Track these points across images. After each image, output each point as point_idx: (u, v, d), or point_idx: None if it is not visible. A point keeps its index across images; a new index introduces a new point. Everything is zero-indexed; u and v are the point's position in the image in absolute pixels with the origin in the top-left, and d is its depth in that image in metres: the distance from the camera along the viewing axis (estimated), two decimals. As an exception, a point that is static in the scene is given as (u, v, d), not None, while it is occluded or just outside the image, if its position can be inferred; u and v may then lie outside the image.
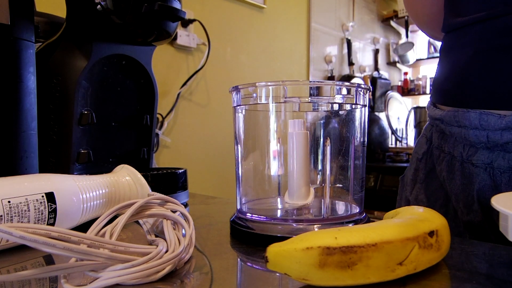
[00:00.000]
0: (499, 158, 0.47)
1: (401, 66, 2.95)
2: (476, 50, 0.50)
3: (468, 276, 0.29)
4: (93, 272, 0.26)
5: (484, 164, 0.49)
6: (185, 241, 0.31)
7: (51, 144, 0.54)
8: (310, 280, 0.25)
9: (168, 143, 1.47)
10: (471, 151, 0.50)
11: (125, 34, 0.56)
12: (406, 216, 0.31)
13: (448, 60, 0.56)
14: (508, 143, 0.46)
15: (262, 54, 1.85)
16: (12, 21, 0.44)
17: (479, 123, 0.48)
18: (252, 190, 0.44)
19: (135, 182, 0.44)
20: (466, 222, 0.52)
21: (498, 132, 0.46)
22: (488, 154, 0.48)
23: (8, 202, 0.33)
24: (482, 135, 0.48)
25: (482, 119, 0.47)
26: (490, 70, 0.48)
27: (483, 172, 0.49)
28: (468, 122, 0.49)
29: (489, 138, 0.47)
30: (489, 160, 0.48)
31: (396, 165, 2.13)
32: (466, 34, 0.52)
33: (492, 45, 0.49)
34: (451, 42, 0.55)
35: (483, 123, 0.47)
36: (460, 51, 0.53)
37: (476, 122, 0.48)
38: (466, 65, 0.52)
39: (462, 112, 0.50)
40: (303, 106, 0.40)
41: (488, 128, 0.47)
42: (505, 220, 0.31)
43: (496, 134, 0.47)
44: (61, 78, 0.53)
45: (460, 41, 0.53)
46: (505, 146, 0.47)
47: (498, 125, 0.46)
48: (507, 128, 0.45)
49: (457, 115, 0.51)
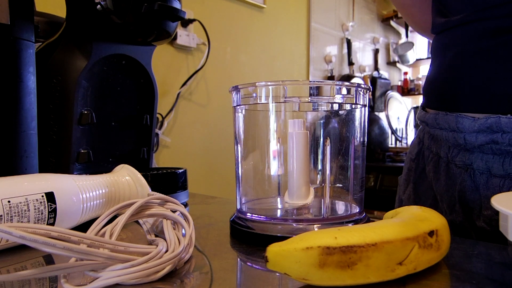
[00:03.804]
0: (477, 160, 0.48)
1: (401, 66, 2.95)
2: (454, 54, 0.52)
3: (468, 276, 0.29)
4: (93, 272, 0.26)
5: (465, 165, 0.50)
6: (185, 241, 0.31)
7: (51, 144, 0.54)
8: (310, 280, 0.25)
9: (168, 143, 1.47)
10: (455, 152, 0.52)
11: (125, 34, 0.56)
12: (406, 216, 0.31)
13: (433, 63, 0.58)
14: (483, 145, 0.47)
15: (262, 54, 1.85)
16: (12, 21, 0.44)
17: (456, 125, 0.49)
18: (252, 190, 0.44)
19: (135, 182, 0.44)
20: (449, 221, 0.53)
21: (474, 134, 0.47)
22: (469, 155, 0.49)
23: (8, 202, 0.33)
24: (460, 137, 0.49)
25: (458, 122, 0.49)
26: (464, 74, 0.50)
27: (464, 173, 0.50)
28: (447, 125, 0.51)
29: (466, 140, 0.48)
30: (469, 161, 0.49)
31: (396, 165, 2.13)
32: (447, 37, 0.54)
33: (468, 49, 0.50)
34: (437, 44, 0.57)
35: (459, 126, 0.49)
36: (442, 54, 0.54)
37: (454, 125, 0.50)
38: (445, 69, 0.53)
39: (442, 115, 0.52)
40: (303, 106, 0.40)
41: (464, 130, 0.48)
42: (505, 220, 0.31)
43: (471, 137, 0.48)
44: (61, 78, 0.53)
45: (443, 44, 0.55)
46: (482, 148, 0.48)
47: (472, 127, 0.47)
48: (480, 131, 0.47)
49: (438, 117, 0.53)
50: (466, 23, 0.50)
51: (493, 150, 0.47)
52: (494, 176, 0.47)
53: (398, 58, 2.79)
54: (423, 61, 2.97)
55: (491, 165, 0.47)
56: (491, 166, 0.47)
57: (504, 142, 0.45)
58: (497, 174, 0.47)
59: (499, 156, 0.46)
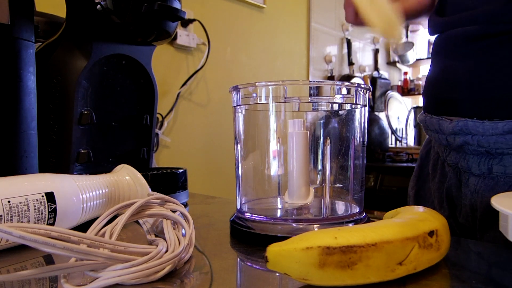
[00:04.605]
0: (461, 159, 0.51)
1: (401, 66, 2.94)
2: (437, 60, 0.55)
3: (468, 276, 0.29)
4: (93, 272, 0.26)
5: (454, 164, 0.52)
6: (185, 241, 0.31)
7: (51, 144, 0.54)
8: (310, 280, 0.25)
9: (168, 143, 1.47)
10: (447, 151, 0.54)
11: (125, 34, 0.56)
12: (406, 216, 0.31)
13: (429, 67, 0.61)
14: (461, 146, 0.49)
15: (262, 54, 1.85)
16: (12, 21, 0.44)
17: (439, 127, 0.52)
18: (252, 190, 0.44)
19: (135, 182, 0.44)
20: None
21: (452, 136, 0.50)
22: (456, 155, 0.52)
23: (8, 202, 0.32)
24: (443, 139, 0.52)
25: (440, 124, 0.52)
26: (441, 79, 0.53)
27: (452, 171, 0.53)
28: (432, 127, 0.54)
29: (448, 141, 0.51)
30: (456, 160, 0.52)
31: (396, 165, 2.13)
32: (436, 43, 0.56)
33: (447, 55, 0.53)
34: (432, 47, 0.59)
35: (441, 128, 0.52)
36: (433, 58, 0.57)
37: (437, 127, 0.53)
38: (431, 73, 0.57)
39: (428, 118, 0.55)
40: (303, 106, 0.40)
41: (444, 132, 0.51)
42: (505, 220, 0.31)
43: (451, 138, 0.50)
44: (61, 78, 0.53)
45: (434, 50, 0.57)
46: (462, 148, 0.50)
47: (448, 129, 0.50)
48: (454, 133, 0.49)
49: (426, 120, 0.56)
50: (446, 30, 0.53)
51: (470, 150, 0.49)
52: (473, 175, 0.49)
53: (398, 58, 2.79)
54: (423, 61, 2.96)
55: (471, 164, 0.49)
56: (471, 166, 0.49)
57: (473, 143, 0.47)
58: (475, 173, 0.49)
59: (477, 156, 0.48)
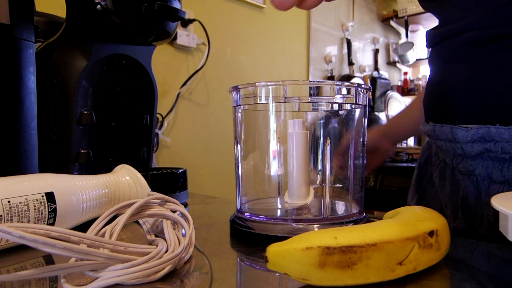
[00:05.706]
0: (479, 166, 0.48)
1: (401, 66, 2.94)
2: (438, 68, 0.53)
3: (468, 276, 0.29)
4: (93, 272, 0.26)
5: (468, 172, 0.50)
6: (185, 241, 0.31)
7: (51, 144, 0.54)
8: (310, 280, 0.25)
9: (168, 143, 1.47)
10: (459, 159, 0.51)
11: (125, 34, 0.56)
12: (406, 216, 0.31)
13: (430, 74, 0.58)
14: (481, 153, 0.47)
15: (262, 54, 1.85)
16: (12, 21, 0.44)
17: (452, 136, 0.50)
18: (252, 190, 0.44)
19: (135, 182, 0.44)
20: (452, 228, 0.53)
21: (469, 144, 0.48)
22: (471, 162, 0.49)
23: (8, 202, 0.32)
24: (458, 147, 0.49)
25: (454, 133, 0.49)
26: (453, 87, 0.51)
27: (467, 179, 0.50)
28: (444, 136, 0.51)
29: (464, 150, 0.49)
30: (471, 168, 0.49)
31: (395, 165, 2.13)
32: (436, 50, 0.55)
33: (449, 61, 0.51)
34: (429, 56, 0.58)
35: (455, 137, 0.49)
36: (433, 66, 0.56)
37: (450, 136, 0.50)
38: (434, 81, 0.54)
39: (438, 127, 0.52)
40: (303, 106, 0.40)
41: (459, 141, 0.49)
42: (505, 220, 0.31)
43: (468, 146, 0.48)
44: (61, 78, 0.53)
45: (432, 57, 0.56)
46: (481, 155, 0.48)
47: (466, 138, 0.48)
48: (473, 141, 0.47)
49: (435, 129, 0.53)
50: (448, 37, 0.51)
51: (490, 157, 0.47)
52: (495, 182, 0.47)
53: (398, 58, 2.79)
54: (423, 61, 2.96)
55: (491, 171, 0.47)
56: (491, 172, 0.47)
57: (497, 150, 0.45)
58: (497, 180, 0.47)
59: (498, 162, 0.46)
